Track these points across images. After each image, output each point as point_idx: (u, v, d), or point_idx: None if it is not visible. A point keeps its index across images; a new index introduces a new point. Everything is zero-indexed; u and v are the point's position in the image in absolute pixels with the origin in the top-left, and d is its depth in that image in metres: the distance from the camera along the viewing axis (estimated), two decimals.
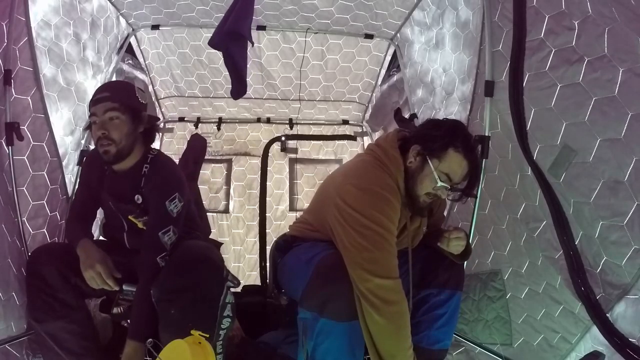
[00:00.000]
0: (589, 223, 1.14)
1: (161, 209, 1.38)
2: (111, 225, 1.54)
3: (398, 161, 1.24)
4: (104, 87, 1.43)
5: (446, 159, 1.20)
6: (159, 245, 1.36)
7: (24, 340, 1.40)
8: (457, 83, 1.81)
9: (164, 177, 1.43)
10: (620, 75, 1.00)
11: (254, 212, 3.20)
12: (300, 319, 1.19)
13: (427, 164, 1.20)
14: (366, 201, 1.13)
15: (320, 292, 1.12)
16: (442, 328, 1.33)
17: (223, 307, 1.30)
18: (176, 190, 1.40)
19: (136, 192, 1.42)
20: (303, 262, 1.27)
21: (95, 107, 1.34)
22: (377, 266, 1.09)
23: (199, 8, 2.21)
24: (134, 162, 1.43)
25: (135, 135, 1.39)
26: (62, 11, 1.66)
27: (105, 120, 1.33)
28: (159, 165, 1.45)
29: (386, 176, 1.21)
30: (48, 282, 1.30)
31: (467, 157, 1.21)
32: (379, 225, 1.11)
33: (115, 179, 1.46)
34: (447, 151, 1.19)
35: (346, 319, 1.10)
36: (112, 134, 1.33)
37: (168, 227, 1.37)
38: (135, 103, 1.38)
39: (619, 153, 1.03)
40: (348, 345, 1.13)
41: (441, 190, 1.21)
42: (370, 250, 1.09)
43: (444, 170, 1.19)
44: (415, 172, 1.23)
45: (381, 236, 1.11)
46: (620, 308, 1.08)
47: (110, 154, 1.35)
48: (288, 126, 3.22)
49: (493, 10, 1.48)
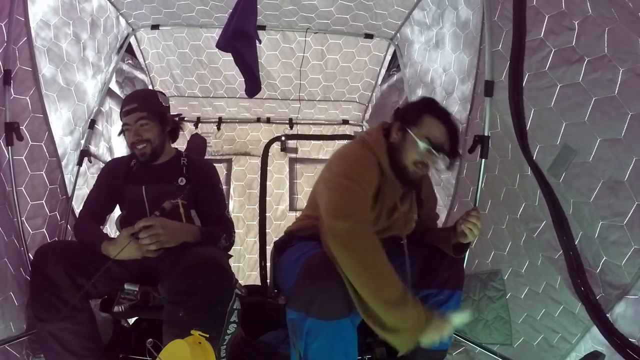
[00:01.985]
0: (589, 223, 1.14)
1: (218, 191, 1.65)
2: (133, 214, 1.55)
3: (379, 140, 1.34)
4: (132, 99, 1.56)
5: (424, 124, 1.29)
6: (226, 223, 1.60)
7: (24, 340, 1.40)
8: (457, 83, 1.81)
9: (207, 164, 1.70)
10: (620, 75, 1.00)
11: (254, 212, 3.20)
12: (289, 320, 1.18)
13: (407, 134, 1.29)
14: (342, 165, 1.25)
15: (305, 291, 1.11)
16: None
17: (231, 312, 1.31)
18: (219, 178, 1.69)
19: (179, 175, 1.58)
20: (292, 261, 1.29)
21: (127, 118, 1.52)
22: (340, 210, 1.13)
23: (199, 8, 2.21)
24: (170, 157, 1.64)
25: (164, 135, 1.60)
26: (61, 11, 1.66)
27: (137, 127, 1.52)
28: (195, 159, 1.68)
29: (367, 152, 1.31)
30: (53, 281, 1.29)
31: (443, 121, 1.30)
32: (348, 178, 1.17)
33: (152, 167, 1.59)
34: (423, 118, 1.29)
35: (333, 317, 1.09)
36: (145, 135, 1.53)
37: (227, 208, 1.68)
38: (160, 108, 1.58)
39: (619, 153, 1.03)
40: (339, 345, 1.11)
41: (426, 156, 1.28)
42: (337, 199, 1.16)
43: (424, 134, 1.28)
44: (399, 144, 1.32)
45: (349, 188, 1.16)
46: (620, 308, 1.08)
47: (146, 153, 1.54)
48: (288, 126, 3.22)
49: (493, 10, 1.48)
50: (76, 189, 1.93)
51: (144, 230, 1.29)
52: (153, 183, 1.56)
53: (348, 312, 1.10)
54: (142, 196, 1.54)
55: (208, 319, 1.23)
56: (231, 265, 1.48)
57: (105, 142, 2.24)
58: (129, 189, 1.58)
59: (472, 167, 1.70)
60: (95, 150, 2.12)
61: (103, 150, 2.22)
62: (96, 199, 1.61)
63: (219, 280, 1.28)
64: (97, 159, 2.14)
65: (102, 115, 2.18)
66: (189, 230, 1.44)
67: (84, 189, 2.00)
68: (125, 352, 1.57)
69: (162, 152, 1.59)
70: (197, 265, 1.26)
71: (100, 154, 2.19)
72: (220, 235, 1.53)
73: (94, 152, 2.11)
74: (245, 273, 3.22)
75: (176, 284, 1.26)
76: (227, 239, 1.56)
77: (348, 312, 1.10)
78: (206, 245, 1.42)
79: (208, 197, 1.61)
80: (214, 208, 1.61)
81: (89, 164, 2.06)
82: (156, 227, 1.30)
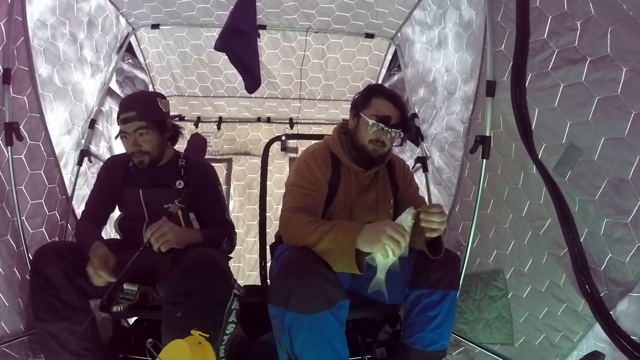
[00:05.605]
0: (594, 221, 1.14)
1: (218, 193, 1.63)
2: (131, 217, 1.56)
3: (333, 135, 1.52)
4: (130, 105, 1.48)
5: (372, 105, 1.42)
6: (227, 226, 1.60)
7: (24, 340, 1.39)
8: (460, 83, 1.81)
9: (206, 166, 1.66)
10: (623, 75, 1.00)
11: (254, 211, 3.19)
12: (271, 316, 1.19)
13: (360, 117, 1.43)
14: (294, 176, 1.43)
15: (283, 286, 1.13)
16: (437, 330, 1.30)
17: (229, 312, 1.31)
18: (218, 179, 1.67)
19: (177, 179, 1.55)
20: (276, 260, 1.42)
21: (125, 126, 1.46)
22: (289, 208, 1.34)
23: (199, 6, 2.20)
24: (168, 159, 1.61)
25: (164, 142, 1.55)
26: (58, 11, 1.65)
27: (136, 136, 1.46)
28: (193, 160, 1.65)
29: (319, 148, 1.48)
30: (52, 282, 1.29)
31: (389, 99, 1.42)
32: (297, 186, 1.39)
33: (150, 170, 1.54)
34: (371, 100, 1.43)
35: (312, 309, 1.10)
36: (144, 147, 1.48)
37: (228, 210, 1.66)
38: (160, 115, 1.51)
39: (623, 152, 1.03)
40: (323, 339, 1.11)
41: (379, 132, 1.39)
42: (289, 201, 1.38)
43: (373, 112, 1.40)
44: (355, 128, 1.45)
45: (298, 192, 1.38)
46: (623, 306, 1.08)
47: (145, 163, 1.50)
48: (288, 125, 3.21)
49: (495, 10, 1.48)
50: (76, 189, 1.92)
51: (153, 237, 1.29)
52: (151, 186, 1.54)
53: (328, 305, 1.11)
54: (140, 199, 1.53)
55: (206, 319, 1.22)
56: (231, 265, 1.48)
57: (105, 142, 2.23)
58: (126, 191, 1.57)
59: (474, 166, 1.70)
60: (95, 150, 2.12)
61: (103, 150, 2.21)
62: (96, 200, 1.60)
63: (217, 280, 1.28)
64: (97, 158, 2.13)
65: (102, 114, 2.17)
66: (192, 233, 1.45)
67: (84, 189, 1.99)
68: (125, 352, 1.56)
69: (161, 159, 1.57)
70: (196, 265, 1.26)
71: (101, 154, 2.18)
72: (221, 238, 1.53)
73: (94, 152, 2.10)
74: (245, 273, 3.21)
75: (175, 284, 1.26)
76: (229, 242, 1.56)
77: (328, 305, 1.11)
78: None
79: (207, 200, 1.59)
80: (214, 211, 1.60)
81: (89, 163, 2.05)
82: (163, 228, 1.30)
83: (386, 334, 1.61)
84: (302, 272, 1.13)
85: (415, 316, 1.32)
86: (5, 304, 1.35)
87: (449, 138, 1.94)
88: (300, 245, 1.23)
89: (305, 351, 1.12)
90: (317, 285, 1.11)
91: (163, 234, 1.29)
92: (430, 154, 2.18)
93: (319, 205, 1.40)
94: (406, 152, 2.42)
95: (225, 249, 1.55)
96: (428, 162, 2.22)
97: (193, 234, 1.45)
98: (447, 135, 1.95)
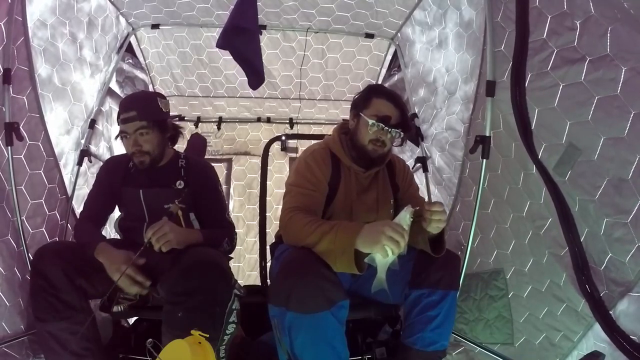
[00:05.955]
0: (594, 220, 1.14)
1: (218, 193, 1.63)
2: (131, 217, 1.56)
3: (333, 135, 1.52)
4: (130, 105, 1.47)
5: (372, 105, 1.42)
6: (227, 227, 1.60)
7: (24, 340, 1.39)
8: (460, 83, 1.81)
9: (206, 166, 1.66)
10: (622, 74, 1.00)
11: (254, 211, 3.19)
12: (271, 316, 1.19)
13: (360, 117, 1.42)
14: (294, 176, 1.43)
15: (283, 286, 1.13)
16: (437, 330, 1.30)
17: (230, 313, 1.30)
18: (218, 180, 1.67)
19: (177, 179, 1.55)
20: (276, 260, 1.41)
21: (125, 126, 1.45)
22: (289, 208, 1.34)
23: (200, 6, 2.20)
24: (168, 159, 1.60)
25: (164, 142, 1.55)
26: (58, 11, 1.65)
27: (136, 136, 1.46)
28: (193, 160, 1.65)
29: (319, 148, 1.48)
30: (52, 282, 1.29)
31: (389, 99, 1.42)
32: (297, 186, 1.39)
33: (150, 170, 1.54)
34: (371, 100, 1.43)
35: (312, 309, 1.10)
36: (144, 147, 1.47)
37: (228, 211, 1.67)
38: (161, 115, 1.51)
39: (623, 151, 1.03)
40: (323, 339, 1.11)
41: (379, 132, 1.38)
42: (289, 200, 1.38)
43: (373, 113, 1.40)
44: (355, 128, 1.45)
45: (298, 193, 1.38)
46: (623, 305, 1.08)
47: (145, 163, 1.50)
48: (288, 125, 3.21)
49: (495, 10, 1.48)
50: (76, 189, 1.92)
51: (154, 237, 1.28)
52: (150, 186, 1.54)
53: (327, 305, 1.11)
54: (140, 200, 1.53)
55: (207, 319, 1.22)
56: (231, 265, 1.48)
57: (105, 142, 2.23)
58: (126, 192, 1.57)
59: (475, 166, 1.70)
60: (95, 150, 2.12)
61: (103, 150, 2.21)
62: (95, 200, 1.60)
63: (217, 280, 1.28)
64: (98, 158, 2.13)
65: (102, 114, 2.17)
66: (192, 234, 1.45)
67: (84, 189, 1.99)
68: (125, 352, 1.56)
69: (162, 159, 1.56)
70: (196, 265, 1.26)
71: (101, 154, 2.18)
72: (222, 239, 1.53)
73: (94, 152, 2.10)
74: (245, 273, 3.21)
75: (175, 284, 1.26)
76: (229, 242, 1.56)
77: (327, 305, 1.11)
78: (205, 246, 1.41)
79: (207, 201, 1.60)
80: (214, 211, 1.60)
81: (89, 163, 2.05)
82: (164, 229, 1.30)
83: (386, 334, 1.61)
84: (302, 272, 1.13)
85: (415, 316, 1.32)
86: (5, 303, 1.35)
87: (449, 138, 1.94)
88: (300, 245, 1.23)
89: (305, 351, 1.12)
90: (317, 285, 1.11)
91: (164, 234, 1.29)
92: (431, 154, 2.18)
93: (319, 205, 1.40)
94: (406, 152, 2.42)
95: (225, 249, 1.54)
96: (428, 162, 2.22)
97: (193, 234, 1.45)
98: (448, 135, 1.95)
